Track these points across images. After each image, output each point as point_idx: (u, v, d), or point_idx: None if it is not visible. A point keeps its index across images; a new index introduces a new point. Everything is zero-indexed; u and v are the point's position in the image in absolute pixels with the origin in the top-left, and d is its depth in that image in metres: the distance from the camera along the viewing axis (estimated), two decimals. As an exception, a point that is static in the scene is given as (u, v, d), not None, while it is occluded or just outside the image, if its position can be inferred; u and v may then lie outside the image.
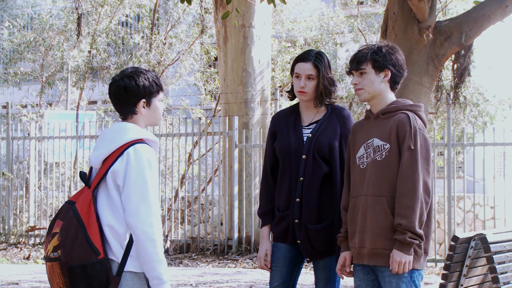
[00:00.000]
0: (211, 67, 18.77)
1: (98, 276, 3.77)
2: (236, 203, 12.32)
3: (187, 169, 14.71)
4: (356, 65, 4.42)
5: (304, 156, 4.69)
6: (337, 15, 18.37)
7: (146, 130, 4.01)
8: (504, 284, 5.58)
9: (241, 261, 11.82)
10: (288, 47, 17.63)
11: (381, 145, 4.35)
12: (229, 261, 11.86)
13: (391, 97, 4.46)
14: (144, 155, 3.86)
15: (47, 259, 3.84)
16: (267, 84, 12.76)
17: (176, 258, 12.21)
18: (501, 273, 5.59)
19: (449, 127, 11.73)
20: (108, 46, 18.66)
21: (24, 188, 13.99)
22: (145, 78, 3.96)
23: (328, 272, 4.73)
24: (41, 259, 12.16)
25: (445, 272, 5.66)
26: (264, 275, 10.11)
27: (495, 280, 5.55)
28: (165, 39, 17.94)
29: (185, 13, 18.30)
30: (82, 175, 3.98)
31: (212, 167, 13.77)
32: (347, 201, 4.49)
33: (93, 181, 3.90)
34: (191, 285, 9.67)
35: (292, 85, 4.81)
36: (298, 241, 4.71)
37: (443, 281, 5.66)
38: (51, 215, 13.62)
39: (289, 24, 18.12)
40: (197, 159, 14.25)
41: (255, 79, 12.54)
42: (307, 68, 4.72)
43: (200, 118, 14.84)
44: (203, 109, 17.81)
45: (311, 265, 7.39)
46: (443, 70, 9.42)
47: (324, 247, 4.68)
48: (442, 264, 9.43)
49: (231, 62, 12.56)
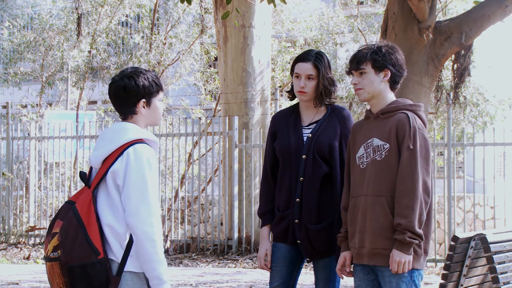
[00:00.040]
0: (211, 67, 18.76)
1: (98, 276, 3.77)
2: (236, 203, 12.31)
3: (187, 169, 14.70)
4: (356, 65, 4.42)
5: (304, 156, 4.69)
6: (337, 15, 18.37)
7: (146, 130, 4.01)
8: (504, 284, 5.57)
9: (241, 261, 11.82)
10: (288, 47, 17.62)
11: (380, 145, 4.35)
12: (229, 261, 11.85)
13: (390, 97, 4.46)
14: (144, 155, 3.86)
15: (47, 259, 3.85)
16: (267, 84, 12.76)
17: (176, 258, 12.21)
18: (501, 273, 5.59)
19: (449, 127, 11.73)
20: (108, 46, 18.65)
21: (24, 188, 13.99)
22: (144, 78, 3.96)
23: (328, 272, 4.73)
24: (41, 259, 12.15)
25: (445, 272, 5.66)
26: (264, 275, 10.11)
27: (495, 280, 5.54)
28: (165, 39, 17.94)
29: (185, 13, 18.29)
30: (82, 175, 3.98)
31: (212, 167, 13.77)
32: (347, 201, 4.49)
33: (93, 181, 3.90)
34: (191, 285, 9.67)
35: (292, 85, 4.81)
36: (298, 241, 4.71)
37: (443, 281, 5.66)
38: (51, 215, 13.62)
39: (289, 24, 18.12)
40: (197, 159, 14.25)
41: (255, 79, 12.54)
42: (307, 68, 4.72)
43: (200, 118, 14.84)
44: (203, 109, 17.81)
45: (311, 265, 7.39)
46: (443, 70, 9.42)
47: (324, 247, 4.68)
48: (442, 264, 9.43)
49: (231, 62, 12.56)
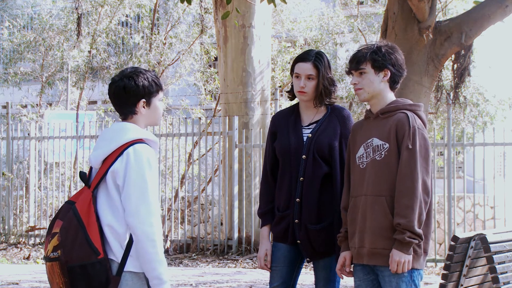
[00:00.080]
0: (211, 67, 18.76)
1: (98, 276, 3.77)
2: (236, 203, 12.31)
3: (187, 169, 14.70)
4: (356, 65, 4.42)
5: (304, 156, 4.69)
6: (337, 15, 18.37)
7: (146, 130, 4.01)
8: (504, 284, 5.57)
9: (241, 261, 11.82)
10: (288, 47, 17.62)
11: (380, 144, 4.35)
12: (229, 261, 11.85)
13: (390, 96, 4.46)
14: (144, 155, 3.86)
15: (47, 259, 3.84)
16: (267, 84, 12.75)
17: (176, 258, 12.20)
18: (501, 273, 5.58)
19: (449, 127, 11.73)
20: (108, 46, 18.65)
21: (24, 188, 13.99)
22: (144, 78, 3.96)
23: (328, 272, 4.73)
24: (41, 259, 12.15)
25: (445, 272, 5.66)
26: (264, 275, 10.11)
27: (495, 280, 5.54)
28: (165, 39, 17.93)
29: (185, 13, 18.29)
30: (82, 175, 3.98)
31: (212, 167, 13.77)
32: (347, 201, 4.49)
33: (93, 181, 3.90)
34: (191, 285, 9.67)
35: (292, 85, 4.81)
36: (298, 241, 4.71)
37: (443, 281, 5.65)
38: (51, 215, 13.62)
39: (289, 24, 18.12)
40: (197, 159, 14.25)
41: (255, 79, 12.54)
42: (307, 68, 4.72)
43: (200, 118, 14.83)
44: (203, 109, 17.81)
45: (311, 265, 7.39)
46: (443, 70, 9.42)
47: (324, 247, 4.68)
48: (442, 264, 9.43)
49: (231, 62, 12.56)
